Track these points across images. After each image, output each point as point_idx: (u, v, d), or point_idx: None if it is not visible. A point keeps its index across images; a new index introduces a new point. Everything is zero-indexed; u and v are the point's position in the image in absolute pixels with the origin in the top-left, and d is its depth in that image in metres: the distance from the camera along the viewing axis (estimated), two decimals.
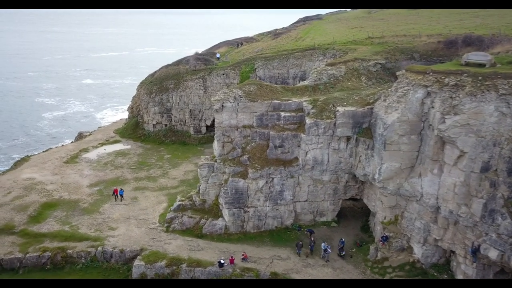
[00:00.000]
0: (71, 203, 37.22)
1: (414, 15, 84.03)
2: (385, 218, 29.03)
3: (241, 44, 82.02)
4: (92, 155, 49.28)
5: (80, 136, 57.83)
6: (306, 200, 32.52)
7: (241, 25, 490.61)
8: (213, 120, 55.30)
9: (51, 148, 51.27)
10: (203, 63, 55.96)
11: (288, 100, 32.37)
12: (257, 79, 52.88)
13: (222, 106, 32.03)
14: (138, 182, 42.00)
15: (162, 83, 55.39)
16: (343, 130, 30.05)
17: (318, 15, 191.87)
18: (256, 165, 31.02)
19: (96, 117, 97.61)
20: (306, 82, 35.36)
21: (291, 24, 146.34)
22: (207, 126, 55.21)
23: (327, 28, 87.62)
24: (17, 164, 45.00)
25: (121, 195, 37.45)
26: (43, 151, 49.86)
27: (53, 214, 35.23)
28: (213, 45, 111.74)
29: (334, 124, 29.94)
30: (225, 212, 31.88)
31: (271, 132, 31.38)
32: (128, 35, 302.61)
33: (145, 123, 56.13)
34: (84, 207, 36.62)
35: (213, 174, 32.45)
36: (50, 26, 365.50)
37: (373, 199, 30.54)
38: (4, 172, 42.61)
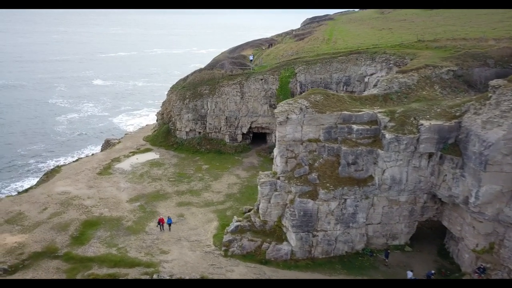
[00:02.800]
0: (114, 221, 34.29)
1: (437, 16, 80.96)
2: (477, 246, 25.97)
3: (270, 45, 79.02)
4: (125, 165, 46.36)
5: (108, 144, 54.93)
6: (379, 223, 29.50)
7: (244, 25, 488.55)
8: (249, 128, 52.76)
9: (81, 158, 48.38)
10: (239, 68, 52.96)
11: (359, 112, 29.34)
12: (298, 84, 50.12)
13: (287, 118, 29.04)
14: (180, 197, 39.04)
15: (196, 88, 52.43)
16: (427, 146, 27.03)
17: (327, 15, 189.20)
18: (328, 184, 28.00)
19: (113, 122, 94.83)
20: (374, 91, 32.31)
21: (305, 25, 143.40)
22: (243, 134, 52.28)
23: (350, 29, 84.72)
24: (48, 176, 42.08)
25: (169, 224, 32.89)
26: (74, 161, 46.92)
27: (96, 234, 32.29)
28: (231, 46, 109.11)
29: (417, 140, 26.92)
30: (291, 236, 28.88)
31: (343, 148, 28.35)
32: (133, 35, 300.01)
33: (177, 130, 53.20)
34: (128, 226, 33.67)
35: (276, 193, 29.43)
36: (53, 26, 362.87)
37: (459, 223, 27.48)
38: (37, 185, 39.70)
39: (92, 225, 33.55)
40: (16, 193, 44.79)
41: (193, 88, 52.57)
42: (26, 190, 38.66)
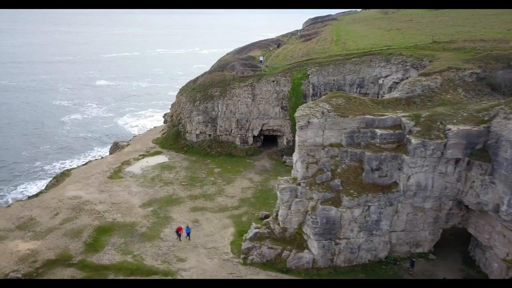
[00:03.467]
0: (127, 227, 33.45)
1: (443, 16, 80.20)
2: (507, 255, 25.14)
3: (278, 46, 78.17)
4: (136, 168, 45.53)
5: (116, 146, 54.12)
6: (403, 230, 28.68)
7: (244, 25, 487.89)
8: (260, 130, 51.93)
9: (90, 161, 47.51)
10: (251, 69, 52.12)
11: (382, 116, 28.53)
12: (311, 86, 49.33)
13: (308, 122, 28.21)
14: (194, 202, 38.21)
15: (206, 90, 51.60)
16: (454, 151, 26.22)
17: (329, 15, 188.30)
18: (352, 191, 27.17)
19: (118, 123, 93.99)
20: (396, 94, 31.48)
21: (309, 25, 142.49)
22: (254, 137, 51.45)
23: (356, 30, 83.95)
24: (58, 180, 41.25)
25: (188, 234, 31.72)
26: (83, 165, 46.09)
27: (110, 240, 31.46)
28: (235, 47, 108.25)
29: (445, 145, 26.11)
30: (313, 244, 28.05)
31: (366, 153, 27.53)
32: (135, 36, 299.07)
33: (187, 132, 52.36)
34: (143, 232, 32.85)
35: (297, 199, 28.60)
36: (55, 26, 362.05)
37: (487, 231, 26.65)
38: (47, 190, 38.86)
39: (105, 231, 32.73)
40: (25, 197, 44.11)
41: (203, 90, 51.74)
42: (37, 195, 37.84)
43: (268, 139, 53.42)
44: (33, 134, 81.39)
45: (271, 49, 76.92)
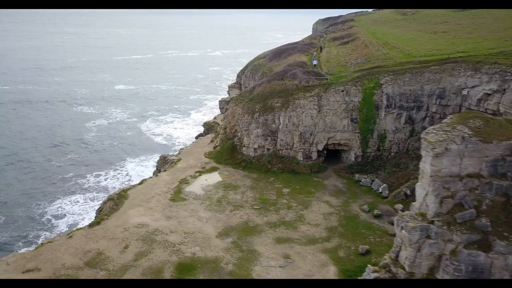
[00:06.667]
0: (211, 264, 28.97)
1: (482, 17, 75.86)
2: None
3: (321, 50, 73.82)
4: (196, 188, 41.06)
5: (165, 161, 49.68)
6: None
7: (251, 26, 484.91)
8: (326, 145, 47.52)
9: (145, 180, 43.04)
10: (315, 78, 47.68)
11: None
12: (384, 96, 44.90)
13: (446, 149, 23.73)
14: (275, 231, 33.70)
15: (266, 101, 47.15)
16: None
17: (340, 16, 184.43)
18: (505, 233, 22.68)
19: (142, 130, 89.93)
20: None
21: (327, 27, 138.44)
22: (318, 152, 46.98)
23: (394, 32, 79.54)
24: (117, 203, 36.71)
25: None
26: (139, 184, 41.56)
27: None
28: (266, 50, 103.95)
29: None
30: None
31: None
32: (142, 37, 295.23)
33: (244, 146, 47.86)
34: (230, 271, 28.36)
35: (431, 241, 24.04)
36: (60, 27, 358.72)
37: None
38: (108, 216, 34.32)
39: (188, 269, 28.25)
40: (62, 214, 39.75)
41: (263, 101, 47.28)
42: (98, 222, 33.34)
43: (329, 154, 48.95)
44: (59, 141, 77.64)
45: (314, 53, 72.47)
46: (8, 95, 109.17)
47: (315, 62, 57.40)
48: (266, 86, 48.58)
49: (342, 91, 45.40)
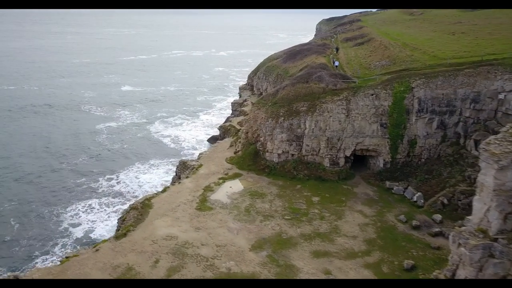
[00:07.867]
0: None
1: (494, 17, 74.29)
2: None
3: (337, 50, 72.09)
4: (221, 196, 39.27)
5: (185, 166, 47.82)
6: None
7: (252, 26, 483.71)
8: (353, 150, 45.75)
9: (168, 187, 41.26)
10: (343, 81, 45.89)
11: None
12: (416, 100, 43.17)
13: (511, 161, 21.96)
14: (311, 243, 31.89)
15: (291, 105, 45.38)
16: None
17: (345, 16, 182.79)
18: None
19: (151, 131, 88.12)
20: None
21: (336, 27, 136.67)
22: (345, 157, 45.19)
23: (410, 33, 77.91)
24: (141, 212, 34.90)
25: None
26: (161, 192, 39.76)
27: None
28: (271, 50, 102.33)
29: None
30: None
31: None
32: (144, 37, 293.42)
33: (267, 152, 46.09)
34: None
35: (495, 260, 22.25)
36: (63, 27, 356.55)
37: None
38: (134, 227, 32.49)
39: None
40: (79, 221, 38.02)
41: (287, 105, 45.51)
42: (124, 234, 31.52)
43: (355, 160, 47.13)
44: (69, 143, 75.74)
45: (330, 55, 70.77)
46: (14, 98, 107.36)
47: (336, 63, 55.65)
48: (290, 89, 46.79)
49: (372, 94, 43.63)
